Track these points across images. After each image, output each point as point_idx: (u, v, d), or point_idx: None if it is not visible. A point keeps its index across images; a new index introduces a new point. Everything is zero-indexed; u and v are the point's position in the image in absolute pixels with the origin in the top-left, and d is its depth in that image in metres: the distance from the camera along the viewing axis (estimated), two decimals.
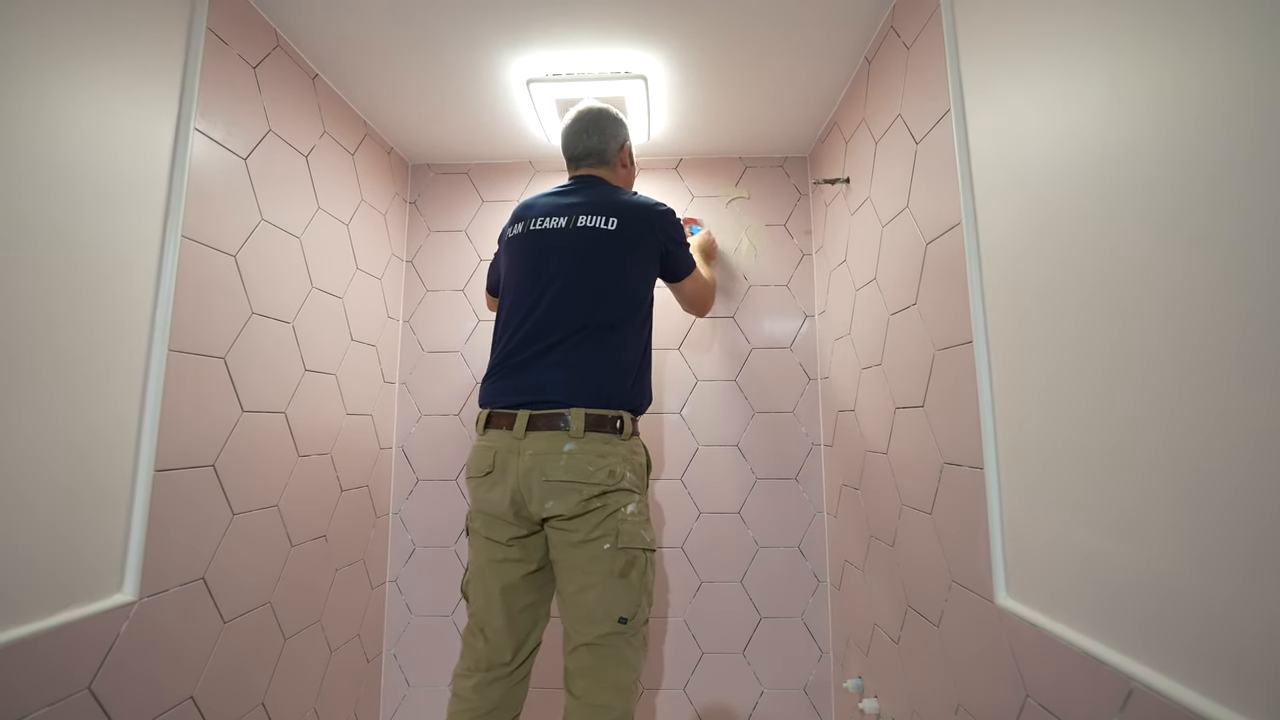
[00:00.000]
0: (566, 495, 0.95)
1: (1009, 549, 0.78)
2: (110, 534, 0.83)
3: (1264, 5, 0.45)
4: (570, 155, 1.18)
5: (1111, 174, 0.60)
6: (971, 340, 0.85)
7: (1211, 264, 0.49)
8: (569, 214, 1.08)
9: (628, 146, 1.20)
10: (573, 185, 1.15)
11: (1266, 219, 0.45)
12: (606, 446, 0.98)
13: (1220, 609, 0.49)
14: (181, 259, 0.94)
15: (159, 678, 0.90)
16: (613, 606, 0.95)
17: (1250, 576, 0.46)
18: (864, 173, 1.30)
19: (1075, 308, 0.65)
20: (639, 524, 0.99)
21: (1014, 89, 0.76)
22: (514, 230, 1.14)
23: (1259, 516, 0.46)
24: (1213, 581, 0.49)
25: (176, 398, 0.93)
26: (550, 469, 0.96)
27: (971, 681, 0.86)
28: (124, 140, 0.86)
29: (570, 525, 0.97)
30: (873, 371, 1.25)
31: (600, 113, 1.16)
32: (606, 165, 1.17)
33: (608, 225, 1.06)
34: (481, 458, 1.03)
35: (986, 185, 0.83)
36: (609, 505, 0.97)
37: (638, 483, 1.02)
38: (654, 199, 1.13)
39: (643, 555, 0.99)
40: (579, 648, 0.96)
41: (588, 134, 1.15)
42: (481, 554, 1.04)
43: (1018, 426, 0.76)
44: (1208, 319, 0.49)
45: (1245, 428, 0.46)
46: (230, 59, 1.06)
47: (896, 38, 1.11)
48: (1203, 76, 0.50)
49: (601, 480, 0.96)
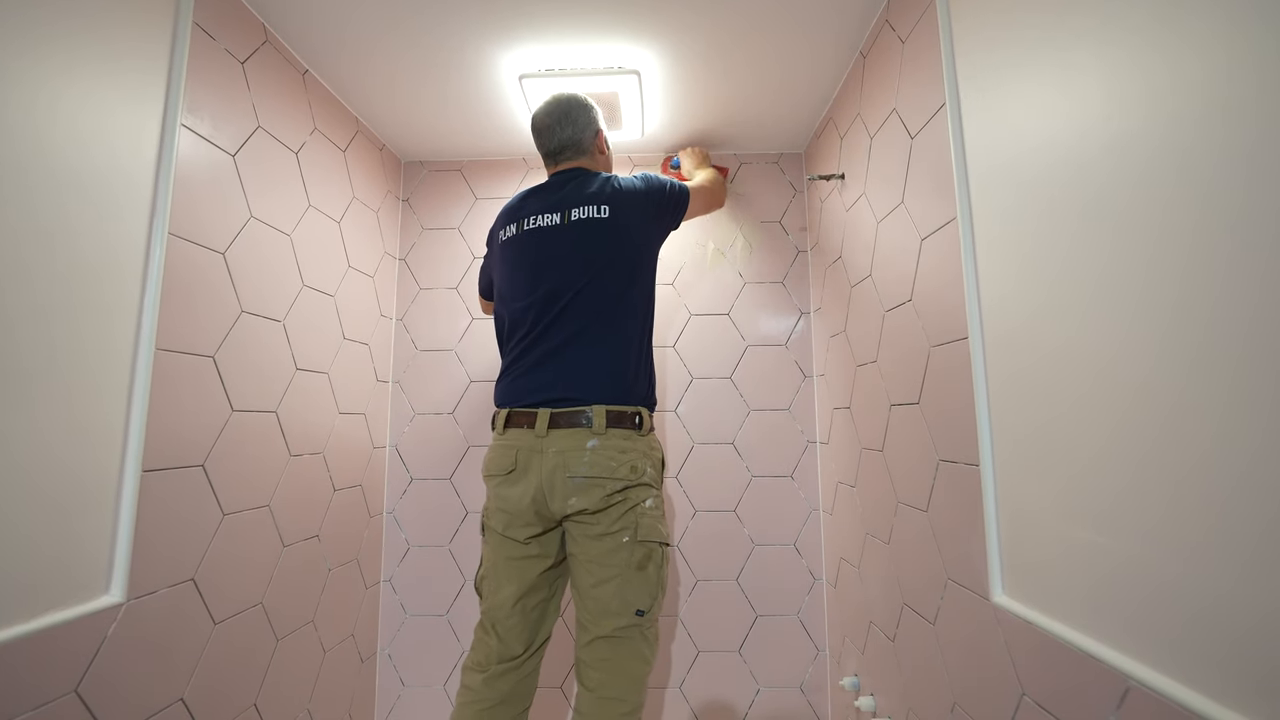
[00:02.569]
0: (591, 491, 0.97)
1: (1004, 546, 0.78)
2: (97, 535, 0.82)
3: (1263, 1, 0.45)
4: (547, 151, 1.17)
5: (1108, 168, 0.59)
6: (967, 336, 0.84)
7: (1209, 261, 0.48)
8: (561, 209, 1.08)
9: (602, 132, 1.19)
10: (557, 180, 1.14)
11: (1265, 215, 0.44)
12: (627, 442, 1.00)
13: (1214, 605, 0.48)
14: (169, 257, 0.93)
15: (148, 680, 0.89)
16: (630, 599, 0.96)
17: (1244, 573, 0.46)
18: (859, 169, 1.29)
19: (1070, 304, 0.64)
20: (656, 518, 1.01)
21: (1009, 83, 0.75)
22: (507, 232, 1.13)
23: (1253, 514, 0.45)
24: (1206, 578, 0.49)
25: (164, 397, 0.92)
26: (575, 465, 0.97)
27: (967, 679, 0.86)
28: (109, 137, 0.84)
29: (593, 519, 0.98)
30: (868, 368, 1.25)
31: (569, 103, 1.14)
32: (585, 155, 1.16)
33: (600, 214, 1.06)
34: (503, 457, 1.03)
35: (982, 180, 0.82)
36: (630, 499, 0.99)
37: (656, 478, 1.04)
38: (633, 177, 1.14)
39: (659, 549, 1.00)
40: (596, 640, 0.97)
41: (560, 126, 1.13)
42: (498, 551, 1.04)
43: (1013, 423, 0.75)
44: (1204, 317, 0.49)
45: (1239, 425, 0.46)
46: (218, 54, 1.05)
47: (891, 31, 1.11)
48: (1201, 70, 0.49)
49: (624, 475, 0.97)
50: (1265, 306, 0.44)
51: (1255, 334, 0.45)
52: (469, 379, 1.71)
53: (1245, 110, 0.46)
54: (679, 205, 1.18)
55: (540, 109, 1.16)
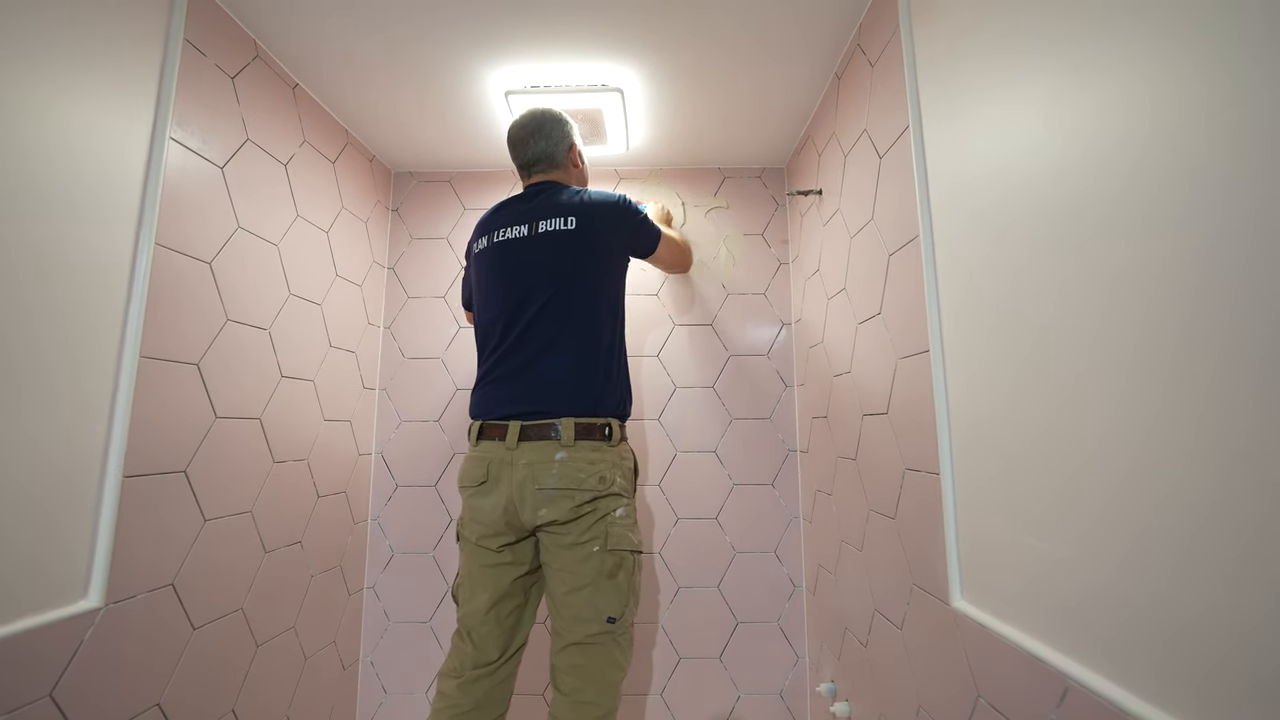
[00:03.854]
0: (559, 502, 0.99)
1: (963, 552, 0.80)
2: (75, 540, 0.83)
3: (1178, 40, 0.48)
4: (521, 164, 1.19)
5: (1052, 190, 0.62)
6: (929, 350, 0.87)
7: (1153, 282, 0.52)
8: (529, 220, 1.10)
9: (576, 147, 1.20)
10: (529, 192, 1.16)
11: (1200, 233, 0.48)
12: (596, 454, 1.01)
13: (1146, 608, 0.51)
14: (155, 266, 0.95)
15: (124, 685, 0.90)
16: (602, 606, 0.98)
17: (1174, 578, 0.49)
18: (835, 185, 1.33)
19: (1024, 321, 0.68)
20: (627, 527, 1.03)
21: (966, 107, 0.79)
22: (479, 245, 1.16)
23: (1181, 522, 0.48)
24: (1138, 582, 0.52)
25: (147, 404, 0.94)
26: (543, 477, 0.99)
27: (931, 682, 0.88)
28: (97, 150, 0.87)
29: (564, 529, 1.00)
30: (843, 379, 1.28)
31: (543, 117, 1.16)
32: (558, 168, 1.18)
33: (567, 225, 1.08)
34: (475, 468, 1.05)
35: (942, 200, 0.86)
36: (599, 510, 1.00)
37: (626, 487, 1.06)
38: (607, 191, 1.15)
39: (630, 557, 1.02)
40: (569, 646, 0.99)
41: (534, 140, 1.15)
42: (473, 559, 1.06)
43: (970, 434, 0.78)
44: (1150, 339, 0.52)
45: (1176, 439, 0.49)
46: (208, 69, 1.07)
47: (862, 55, 1.15)
48: (1128, 102, 0.53)
49: (593, 486, 0.99)
50: (1197, 313, 0.47)
51: (1199, 349, 0.48)
52: (455, 386, 1.73)
53: (1164, 135, 0.49)
54: (650, 239, 1.20)
55: (515, 122, 1.18)
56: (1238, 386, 0.43)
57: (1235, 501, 0.43)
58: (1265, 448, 0.41)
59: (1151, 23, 0.50)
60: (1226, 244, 0.44)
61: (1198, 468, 0.46)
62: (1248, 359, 0.42)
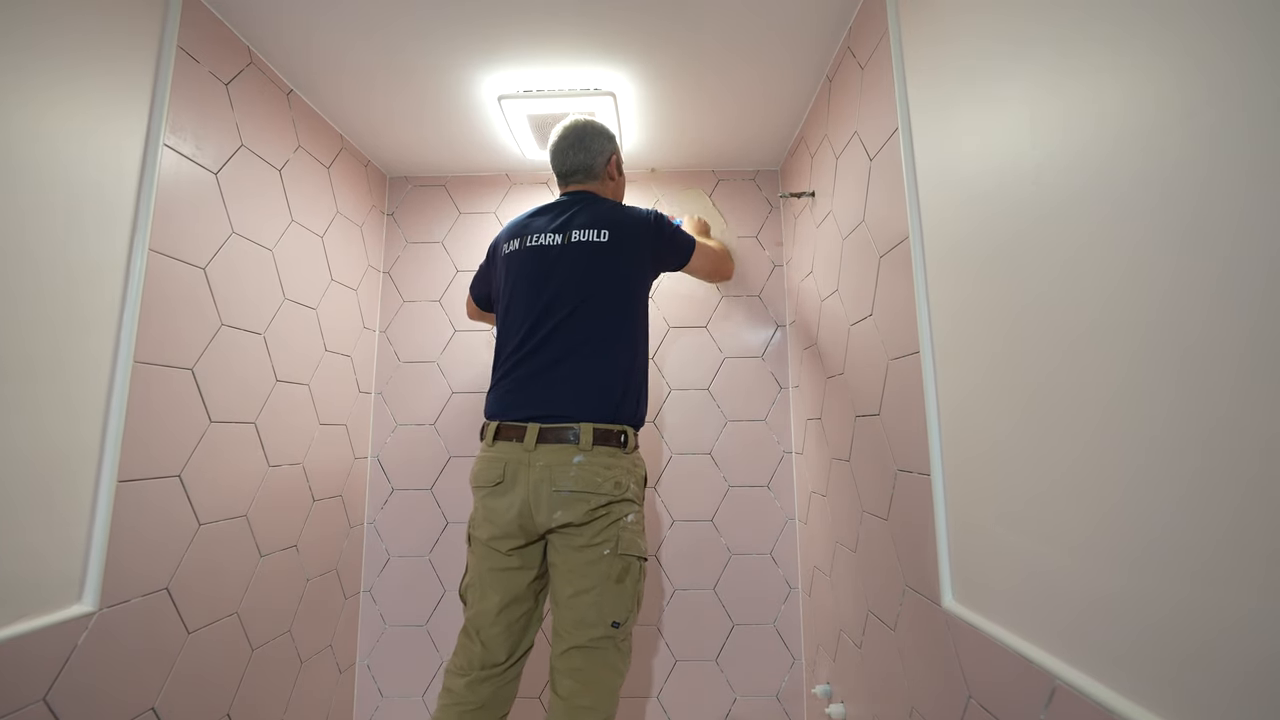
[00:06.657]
0: (575, 505, 0.99)
1: (954, 553, 0.81)
2: (70, 544, 0.84)
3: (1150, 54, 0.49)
4: (559, 171, 1.22)
5: (1037, 190, 0.63)
6: (919, 351, 0.88)
7: (1141, 281, 0.52)
8: (563, 230, 1.12)
9: (615, 159, 1.22)
10: (565, 201, 1.18)
11: (1174, 232, 0.48)
12: (612, 459, 1.03)
13: (1132, 608, 0.51)
14: (149, 272, 0.95)
15: (118, 689, 0.90)
16: (607, 611, 0.99)
17: (1158, 580, 0.49)
18: (827, 187, 1.34)
19: (1012, 324, 0.68)
20: (636, 533, 1.04)
21: (954, 109, 0.80)
22: (510, 246, 1.17)
23: (1167, 526, 0.48)
24: (1124, 583, 0.52)
25: (142, 408, 0.94)
26: (561, 479, 1.00)
27: (923, 683, 0.88)
28: (92, 156, 0.87)
29: (577, 531, 1.01)
30: (836, 380, 1.28)
31: (585, 127, 1.19)
32: (595, 179, 1.21)
33: (600, 238, 1.10)
34: (491, 468, 1.06)
35: (930, 202, 0.86)
36: (613, 514, 1.02)
37: (638, 493, 1.07)
38: (643, 208, 1.18)
39: (638, 563, 1.03)
40: (570, 650, 0.99)
41: (574, 150, 1.18)
42: (483, 561, 1.07)
43: (960, 435, 0.79)
44: (1142, 339, 0.52)
45: (1163, 439, 0.49)
46: (201, 76, 1.08)
47: (853, 58, 1.15)
48: (1110, 104, 0.53)
49: (609, 490, 1.00)
50: (1158, 327, 0.48)
51: (1188, 351, 0.49)
52: (451, 390, 1.73)
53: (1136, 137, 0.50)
54: (683, 250, 1.22)
55: (557, 132, 1.20)
56: (1219, 384, 0.43)
57: (1214, 503, 0.43)
58: (1240, 444, 0.41)
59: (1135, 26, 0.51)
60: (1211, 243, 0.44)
61: (1185, 465, 0.46)
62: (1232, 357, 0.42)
